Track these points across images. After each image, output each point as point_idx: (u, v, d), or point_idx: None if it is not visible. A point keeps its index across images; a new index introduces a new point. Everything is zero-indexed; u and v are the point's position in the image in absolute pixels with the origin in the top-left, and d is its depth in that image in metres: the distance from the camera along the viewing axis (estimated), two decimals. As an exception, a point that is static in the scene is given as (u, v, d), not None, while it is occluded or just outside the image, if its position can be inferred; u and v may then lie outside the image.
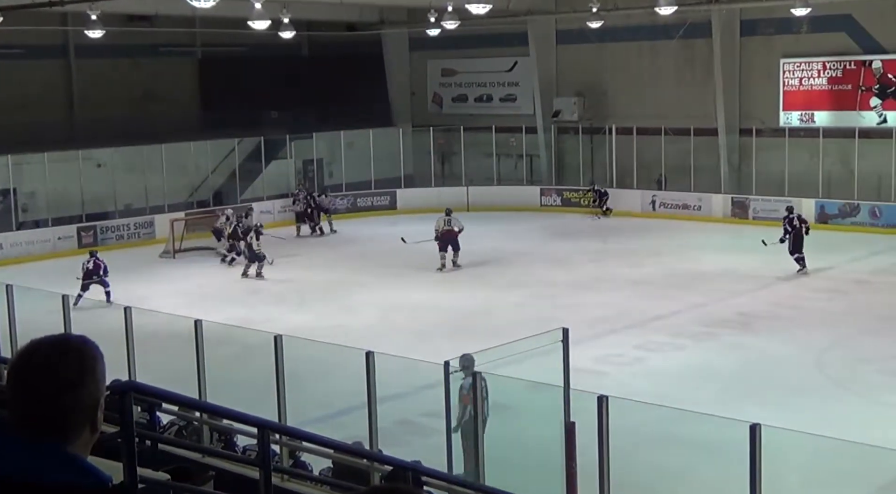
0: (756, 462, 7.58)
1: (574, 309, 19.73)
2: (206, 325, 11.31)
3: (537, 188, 35.21)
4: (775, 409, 13.13)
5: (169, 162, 31.26)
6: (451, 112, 38.56)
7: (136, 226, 30.18)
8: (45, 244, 28.22)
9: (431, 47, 36.58)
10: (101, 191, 30.13)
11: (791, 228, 23.44)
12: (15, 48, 32.35)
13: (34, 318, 13.34)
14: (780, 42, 31.28)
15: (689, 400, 13.09)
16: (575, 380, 11.32)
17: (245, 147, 34.48)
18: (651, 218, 32.02)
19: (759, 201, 30.67)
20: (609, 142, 33.93)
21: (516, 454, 11.41)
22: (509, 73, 37.56)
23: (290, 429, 8.33)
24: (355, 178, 34.97)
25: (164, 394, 5.27)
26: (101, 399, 2.17)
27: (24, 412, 2.10)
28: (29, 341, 2.16)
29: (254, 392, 11.37)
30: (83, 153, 30.13)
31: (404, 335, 18.22)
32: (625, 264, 24.92)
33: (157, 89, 36.35)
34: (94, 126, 33.36)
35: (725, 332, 18.68)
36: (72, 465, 2.10)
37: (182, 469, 5.36)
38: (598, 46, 33.69)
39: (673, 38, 32.09)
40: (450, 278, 24.00)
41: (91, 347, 2.17)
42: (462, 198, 34.52)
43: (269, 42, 31.77)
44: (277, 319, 19.03)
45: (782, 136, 30.98)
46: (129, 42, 33.83)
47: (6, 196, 28.83)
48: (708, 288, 22.20)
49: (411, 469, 6.48)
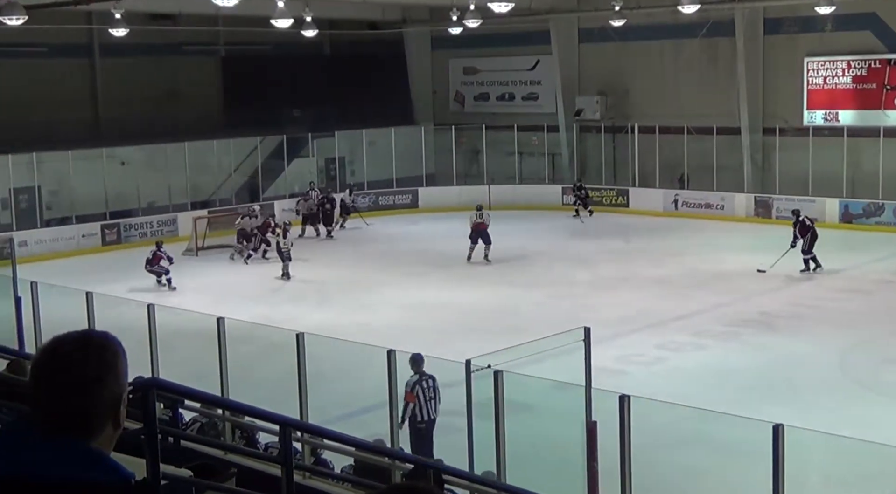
0: (779, 463, 7.55)
1: (596, 309, 19.68)
2: (228, 323, 11.35)
3: (559, 187, 35.15)
4: (797, 409, 13.07)
5: (192, 160, 31.40)
6: (473, 110, 38.55)
7: (160, 223, 30.32)
8: (69, 241, 28.41)
9: (453, 46, 36.58)
10: (124, 189, 30.30)
11: (805, 229, 23.32)
12: (40, 47, 32.55)
13: (58, 315, 13.44)
14: (805, 40, 31.09)
15: (710, 399, 13.04)
16: (596, 380, 11.29)
17: (267, 145, 34.60)
18: (673, 217, 31.90)
19: (783, 200, 30.50)
20: (631, 141, 33.83)
21: (538, 453, 11.40)
22: (531, 71, 37.51)
23: (311, 427, 8.36)
24: (377, 177, 35.01)
25: (186, 391, 5.30)
26: (123, 395, 2.17)
27: (47, 408, 2.11)
28: (51, 337, 2.17)
29: (276, 389, 11.41)
30: (107, 151, 30.30)
31: (425, 333, 18.22)
32: (647, 263, 24.84)
33: (181, 87, 36.50)
34: (117, 124, 33.54)
35: (747, 332, 18.59)
36: (95, 461, 2.11)
37: (204, 466, 5.39)
38: (620, 45, 33.59)
39: (696, 37, 31.96)
40: (471, 276, 23.98)
41: (113, 343, 2.18)
42: (484, 196, 34.48)
43: (292, 40, 31.83)
44: (299, 317, 19.08)
45: (806, 135, 30.80)
46: (152, 41, 33.98)
47: (31, 194, 29.03)
48: (730, 287, 22.10)
49: (432, 468, 6.49)
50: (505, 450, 9.61)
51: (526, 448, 10.76)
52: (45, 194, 29.58)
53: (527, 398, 11.69)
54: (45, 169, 29.18)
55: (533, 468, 10.43)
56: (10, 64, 32.38)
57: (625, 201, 33.77)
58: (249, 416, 7.23)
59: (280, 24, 25.68)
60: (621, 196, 33.93)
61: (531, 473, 9.73)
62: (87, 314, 13.22)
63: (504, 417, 9.64)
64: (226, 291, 23.01)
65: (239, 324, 13.26)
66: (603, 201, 34.02)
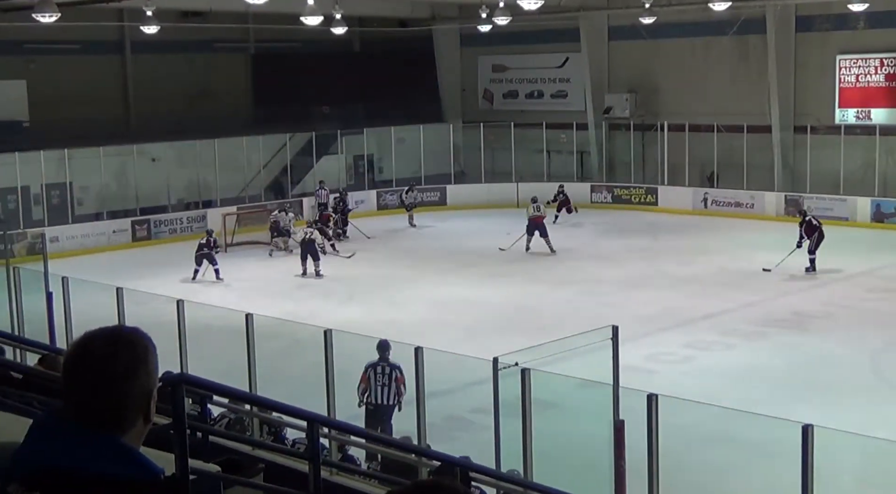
0: (808, 464, 7.49)
1: (623, 307, 19.61)
2: (256, 319, 11.40)
3: (588, 184, 35.05)
4: (827, 410, 12.97)
5: (221, 157, 31.54)
6: (501, 108, 38.49)
7: (189, 219, 30.50)
8: (100, 237, 28.63)
9: (482, 43, 36.56)
10: (154, 186, 30.50)
11: (812, 229, 23.16)
12: (72, 44, 32.86)
13: (89, 310, 13.54)
14: (837, 38, 30.83)
15: (739, 399, 12.97)
16: (624, 378, 11.25)
17: (296, 142, 34.71)
18: (702, 215, 31.74)
19: (814, 199, 30.26)
20: (660, 139, 33.68)
21: (565, 451, 11.38)
22: (560, 69, 37.42)
23: (339, 423, 8.39)
24: (405, 174, 35.05)
25: (215, 387, 5.33)
26: (153, 390, 2.19)
27: (78, 403, 2.13)
28: (83, 333, 2.19)
29: (303, 385, 11.46)
30: (138, 148, 30.50)
31: (453, 331, 18.23)
32: (675, 262, 24.73)
33: (211, 85, 36.70)
34: (148, 121, 33.76)
35: (777, 332, 18.47)
36: (125, 456, 2.12)
37: (232, 462, 5.42)
38: (650, 42, 33.44)
39: (726, 34, 31.76)
40: (499, 274, 23.95)
41: (143, 338, 2.20)
42: (512, 194, 34.46)
43: (321, 38, 31.93)
44: (326, 313, 19.13)
45: (837, 134, 30.54)
46: (183, 38, 34.19)
47: (62, 189, 29.28)
48: (759, 286, 21.96)
49: (460, 466, 6.49)
50: (532, 448, 9.60)
51: (553, 446, 10.74)
52: (77, 190, 29.83)
53: (554, 396, 11.66)
54: (77, 165, 29.40)
55: (560, 466, 10.41)
56: (43, 60, 32.69)
57: (654, 199, 33.63)
58: (277, 412, 7.26)
59: (310, 22, 25.78)
60: (650, 194, 33.78)
61: (558, 472, 9.71)
62: (117, 309, 13.32)
63: (531, 415, 9.63)
64: (254, 287, 23.11)
65: (267, 320, 13.31)
66: (632, 199, 33.90)
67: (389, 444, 8.24)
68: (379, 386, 12.39)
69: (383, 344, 12.69)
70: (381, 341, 12.73)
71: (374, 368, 12.49)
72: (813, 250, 22.95)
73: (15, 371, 6.33)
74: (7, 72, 31.39)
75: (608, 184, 34.98)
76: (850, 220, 29.32)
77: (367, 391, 12.40)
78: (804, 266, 22.88)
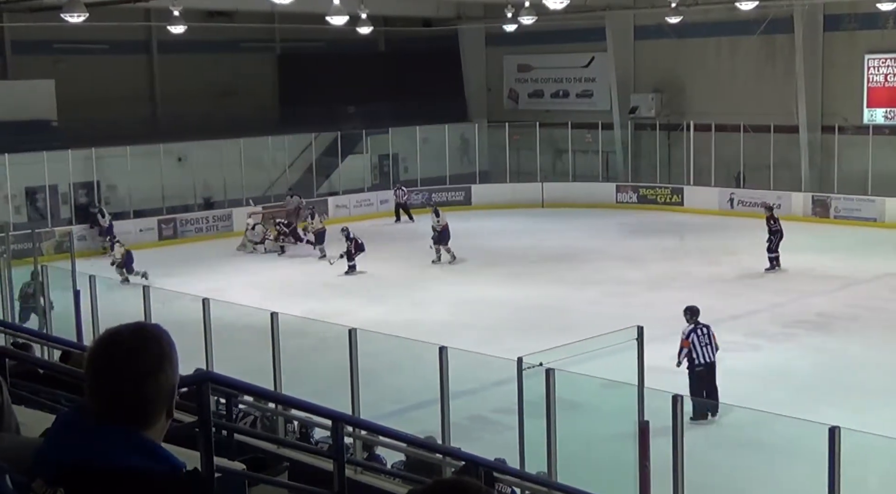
0: (835, 466, 7.44)
1: (648, 307, 19.52)
2: (281, 318, 11.42)
3: (613, 185, 34.95)
4: (854, 412, 12.87)
5: (247, 156, 31.66)
6: (526, 107, 38.45)
7: (215, 219, 30.64)
8: (126, 236, 28.72)
9: (508, 42, 36.52)
10: (180, 185, 30.65)
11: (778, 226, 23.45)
12: (100, 44, 33.08)
13: (116, 308, 13.62)
14: (865, 37, 30.60)
15: (765, 401, 12.88)
16: (649, 379, 11.21)
17: (322, 142, 34.80)
18: (729, 216, 31.56)
19: (842, 200, 30.07)
20: (686, 139, 33.53)
21: (589, 452, 11.35)
22: (586, 68, 37.33)
23: (363, 422, 8.40)
24: (430, 174, 35.06)
25: (240, 385, 5.35)
26: (176, 385, 2.21)
27: (104, 398, 2.14)
28: (106, 330, 2.20)
29: (328, 384, 11.48)
30: (164, 147, 30.67)
31: (477, 330, 18.22)
32: (701, 262, 24.61)
33: (237, 84, 36.84)
34: (175, 120, 33.92)
35: (803, 333, 18.35)
36: (148, 451, 2.14)
37: (257, 460, 5.44)
38: (676, 42, 33.31)
39: (753, 34, 31.59)
40: (523, 274, 23.91)
41: (166, 334, 2.22)
42: (537, 194, 34.41)
43: (347, 37, 31.97)
44: (350, 313, 19.14)
45: (866, 134, 30.32)
46: (209, 38, 34.36)
47: (90, 188, 29.49)
48: (785, 287, 21.82)
49: (484, 466, 6.49)
50: (556, 449, 9.57)
51: (577, 447, 10.71)
52: (104, 189, 30.03)
53: (578, 396, 11.62)
54: (104, 164, 29.61)
55: (584, 467, 10.38)
56: (71, 60, 32.93)
57: (679, 199, 33.49)
58: (302, 411, 7.28)
59: (335, 22, 25.84)
60: (676, 194, 33.64)
61: (582, 472, 9.68)
62: (143, 308, 13.39)
63: (556, 415, 9.61)
64: (278, 286, 23.18)
65: (291, 319, 13.33)
66: (657, 199, 33.78)
67: (415, 444, 8.25)
68: (703, 346, 13.75)
69: (695, 309, 14.04)
70: (691, 306, 14.15)
71: (696, 331, 13.78)
72: (775, 250, 23.26)
73: (43, 368, 6.38)
74: (36, 71, 31.63)
75: (633, 184, 34.86)
76: (877, 221, 29.09)
77: (690, 353, 13.70)
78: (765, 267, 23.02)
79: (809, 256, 24.61)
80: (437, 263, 25.29)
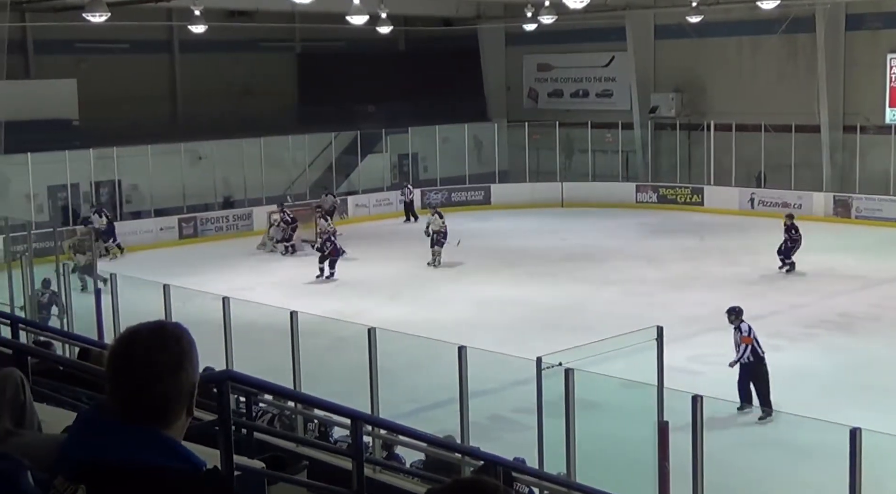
0: (856, 467, 7.40)
1: (668, 307, 19.47)
2: (300, 317, 11.44)
3: (633, 184, 34.87)
4: (875, 412, 12.79)
5: (267, 155, 31.75)
6: (546, 107, 38.39)
7: (235, 218, 30.73)
8: (147, 234, 28.93)
9: (527, 42, 36.47)
10: (201, 184, 30.75)
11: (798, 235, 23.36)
12: (121, 43, 33.24)
13: (137, 307, 13.67)
14: (888, 37, 30.41)
15: (786, 401, 12.84)
16: (668, 379, 11.18)
17: (342, 141, 34.85)
18: (749, 215, 31.42)
19: (863, 200, 29.88)
20: (707, 139, 33.41)
21: (608, 452, 11.33)
22: (606, 68, 37.24)
23: (383, 421, 8.40)
24: (450, 173, 35.06)
25: (260, 384, 5.37)
26: (196, 384, 2.21)
27: (124, 396, 2.14)
28: (127, 328, 2.21)
29: (347, 383, 11.49)
30: (185, 146, 30.78)
31: (496, 330, 18.20)
32: (721, 262, 24.52)
33: (257, 84, 36.96)
34: (195, 120, 34.06)
35: (824, 333, 18.26)
36: (169, 449, 2.14)
37: (276, 458, 5.45)
38: (697, 41, 33.18)
39: (775, 33, 31.43)
40: (542, 274, 23.88)
41: (187, 332, 2.22)
42: (557, 193, 34.35)
43: (367, 37, 32.00)
44: (369, 312, 19.17)
45: (888, 133, 30.14)
46: (230, 37, 34.46)
47: (111, 187, 29.63)
48: (807, 288, 21.71)
49: (503, 466, 6.48)
50: (575, 449, 9.56)
51: (596, 446, 10.69)
52: (125, 188, 30.18)
53: (597, 396, 11.60)
54: (125, 163, 29.74)
55: (603, 467, 10.36)
56: (93, 60, 33.11)
57: (700, 199, 33.37)
58: (321, 410, 7.29)
59: (355, 21, 25.88)
60: (696, 194, 33.52)
61: (601, 472, 9.66)
62: (163, 306, 13.44)
63: (575, 415, 9.59)
64: (297, 285, 23.23)
65: (311, 318, 13.36)
66: (677, 199, 33.67)
67: (434, 443, 8.24)
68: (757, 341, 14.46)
69: (738, 309, 14.81)
70: (734, 307, 14.91)
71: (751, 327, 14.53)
72: (790, 255, 23.24)
73: (63, 365, 6.41)
74: (58, 71, 31.81)
75: (653, 183, 34.76)
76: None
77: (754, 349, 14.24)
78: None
79: (831, 256, 24.47)
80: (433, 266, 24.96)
